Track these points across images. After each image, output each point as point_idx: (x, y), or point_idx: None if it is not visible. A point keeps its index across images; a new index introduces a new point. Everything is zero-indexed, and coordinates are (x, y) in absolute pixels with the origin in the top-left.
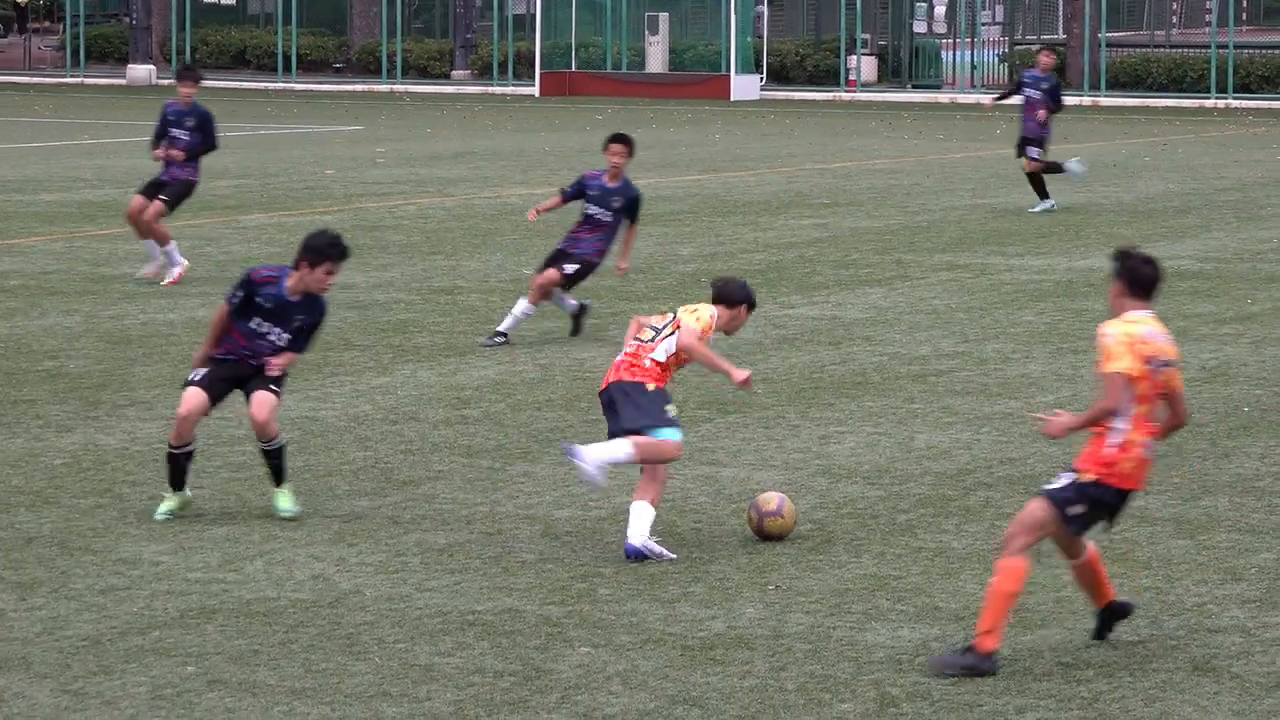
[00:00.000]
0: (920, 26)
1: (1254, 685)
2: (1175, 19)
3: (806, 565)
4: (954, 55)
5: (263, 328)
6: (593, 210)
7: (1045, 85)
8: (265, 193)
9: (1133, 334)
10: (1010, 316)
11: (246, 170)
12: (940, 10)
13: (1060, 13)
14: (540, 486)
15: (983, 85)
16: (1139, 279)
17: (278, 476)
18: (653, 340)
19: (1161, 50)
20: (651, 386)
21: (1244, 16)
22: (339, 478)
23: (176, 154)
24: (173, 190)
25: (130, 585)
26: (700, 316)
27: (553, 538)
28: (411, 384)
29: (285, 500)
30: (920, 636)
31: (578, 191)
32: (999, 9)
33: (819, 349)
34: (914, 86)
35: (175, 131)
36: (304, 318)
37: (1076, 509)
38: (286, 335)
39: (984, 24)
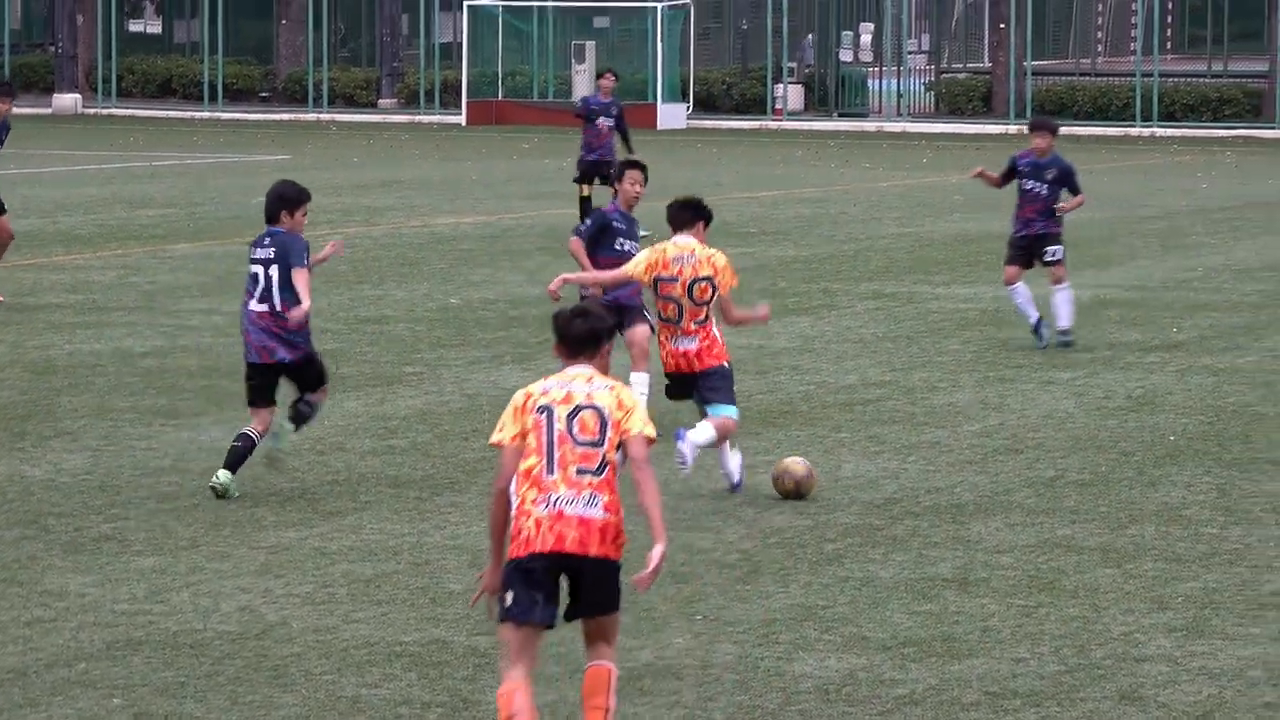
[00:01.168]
0: (846, 55)
1: (1180, 714)
2: (1100, 47)
3: (734, 595)
4: (880, 83)
5: None
6: (627, 245)
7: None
8: (192, 222)
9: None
10: (937, 345)
11: (173, 199)
12: (866, 38)
13: (986, 41)
14: (468, 517)
15: (909, 113)
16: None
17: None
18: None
19: (1087, 78)
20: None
21: (1169, 45)
22: (266, 508)
23: None
24: None
25: (56, 617)
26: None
27: (480, 568)
28: (338, 414)
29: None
30: (848, 666)
31: (599, 229)
32: (925, 37)
33: (746, 378)
34: (841, 115)
35: None
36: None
37: None
38: None
39: (910, 52)
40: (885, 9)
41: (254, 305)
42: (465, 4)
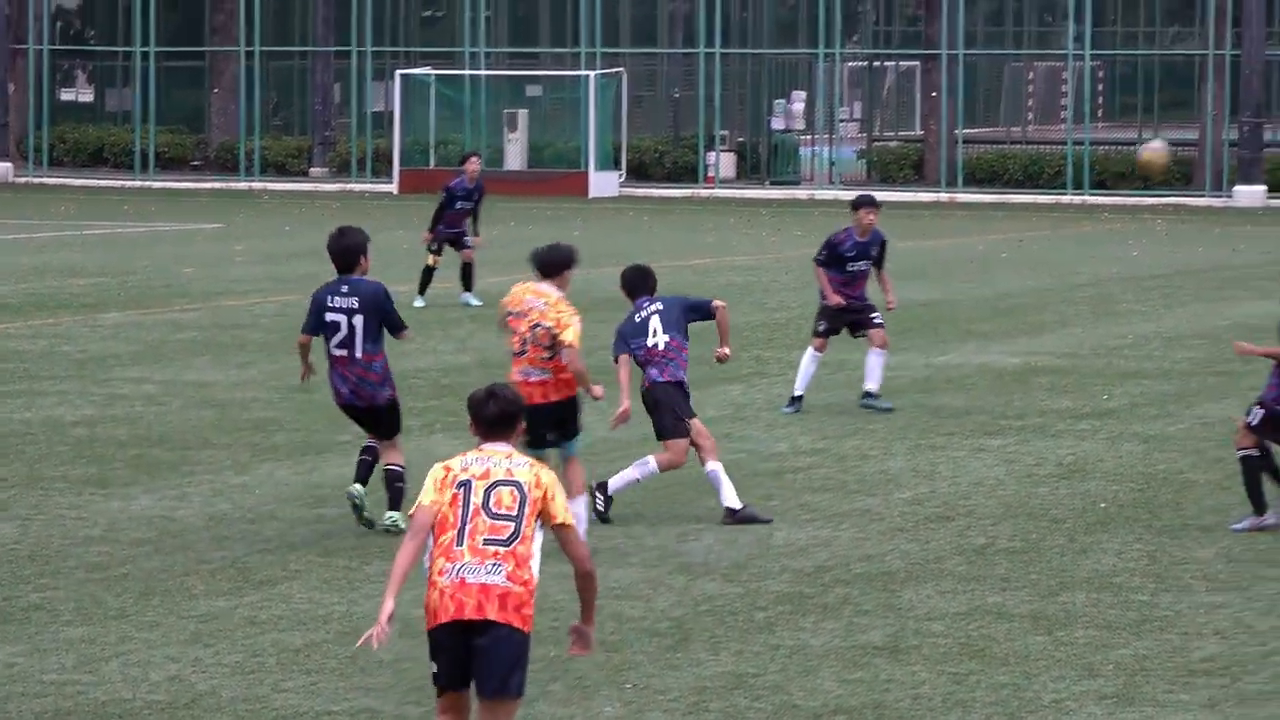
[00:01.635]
0: (778, 123)
1: None
2: (1031, 115)
3: (665, 663)
4: (812, 151)
5: None
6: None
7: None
8: (123, 291)
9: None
10: (869, 413)
11: (104, 268)
12: (798, 107)
13: (917, 109)
14: None
15: (841, 182)
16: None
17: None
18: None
19: (1018, 146)
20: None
21: (1099, 113)
22: (196, 577)
23: None
24: None
25: None
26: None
27: (410, 637)
28: (270, 483)
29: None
30: None
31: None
32: (857, 105)
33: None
34: (773, 183)
35: None
36: None
37: None
38: None
39: (842, 120)
40: (817, 77)
41: (335, 350)
42: (397, 73)
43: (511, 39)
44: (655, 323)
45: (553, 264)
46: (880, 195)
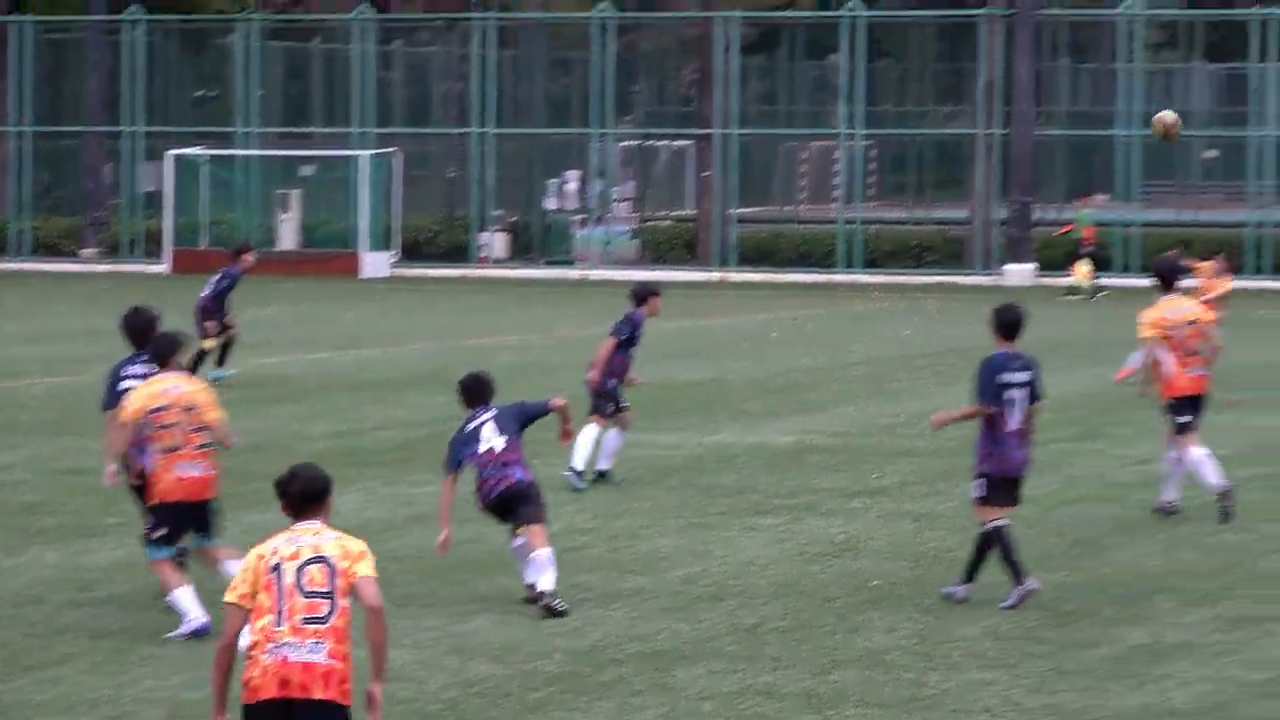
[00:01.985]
0: (552, 203)
1: None
2: (804, 194)
3: None
4: (586, 231)
5: None
6: None
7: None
8: None
9: None
10: (641, 492)
11: None
12: (572, 187)
13: (690, 189)
14: (167, 669)
15: (614, 262)
16: None
17: None
18: None
19: (791, 225)
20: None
21: (872, 192)
22: None
23: None
24: None
25: None
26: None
27: (178, 718)
28: (38, 566)
29: None
30: None
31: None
32: (630, 185)
33: (452, 526)
34: (546, 263)
35: None
36: None
37: None
38: None
39: (615, 200)
40: (590, 157)
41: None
42: (169, 153)
43: (284, 119)
44: (488, 430)
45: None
46: (653, 275)
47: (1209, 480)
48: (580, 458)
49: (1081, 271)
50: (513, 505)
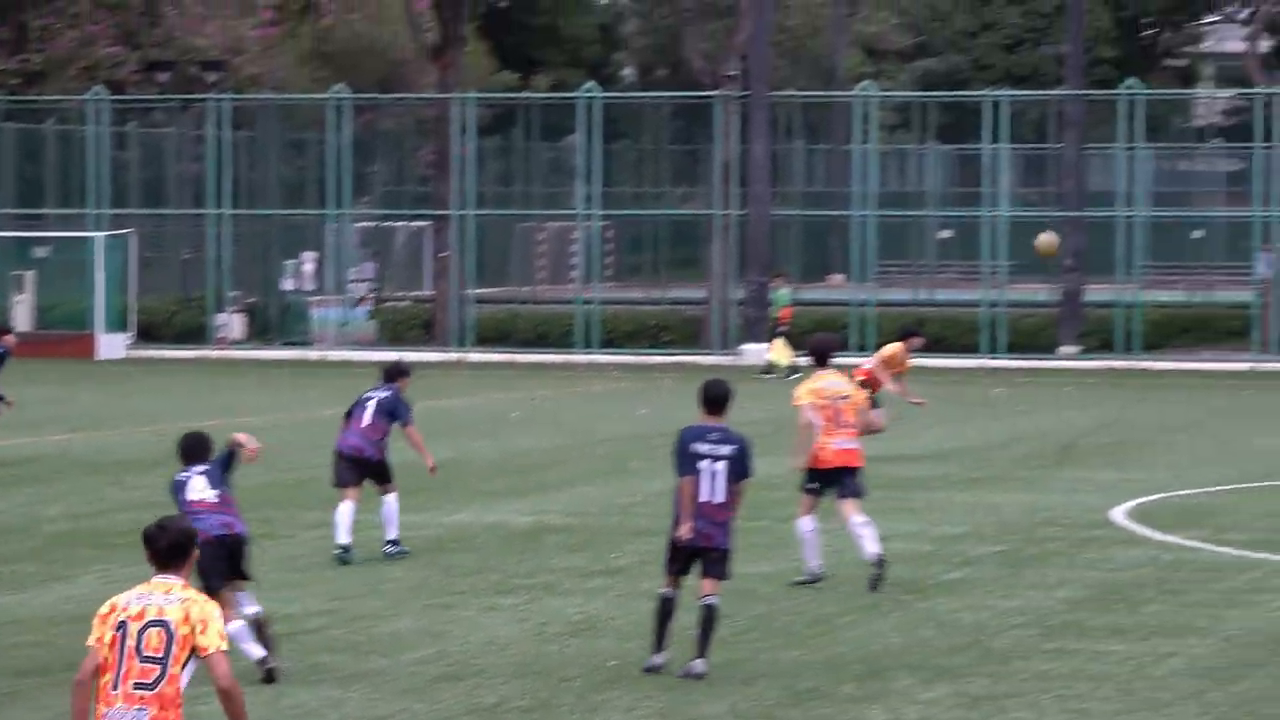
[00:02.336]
0: (289, 284)
1: None
2: (541, 275)
3: None
4: (323, 312)
5: None
6: None
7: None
8: None
9: None
10: (380, 573)
11: None
12: (309, 268)
13: (427, 269)
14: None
15: (351, 342)
16: None
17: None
18: None
19: (529, 306)
20: None
21: (609, 273)
22: None
23: None
24: None
25: None
26: None
27: None
28: None
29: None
30: None
31: None
32: (367, 266)
33: None
34: (284, 344)
35: None
36: None
37: None
38: None
39: (352, 280)
40: (327, 238)
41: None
42: None
43: (18, 200)
44: (197, 481)
45: None
46: (390, 356)
47: (867, 549)
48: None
49: (778, 350)
50: (230, 554)
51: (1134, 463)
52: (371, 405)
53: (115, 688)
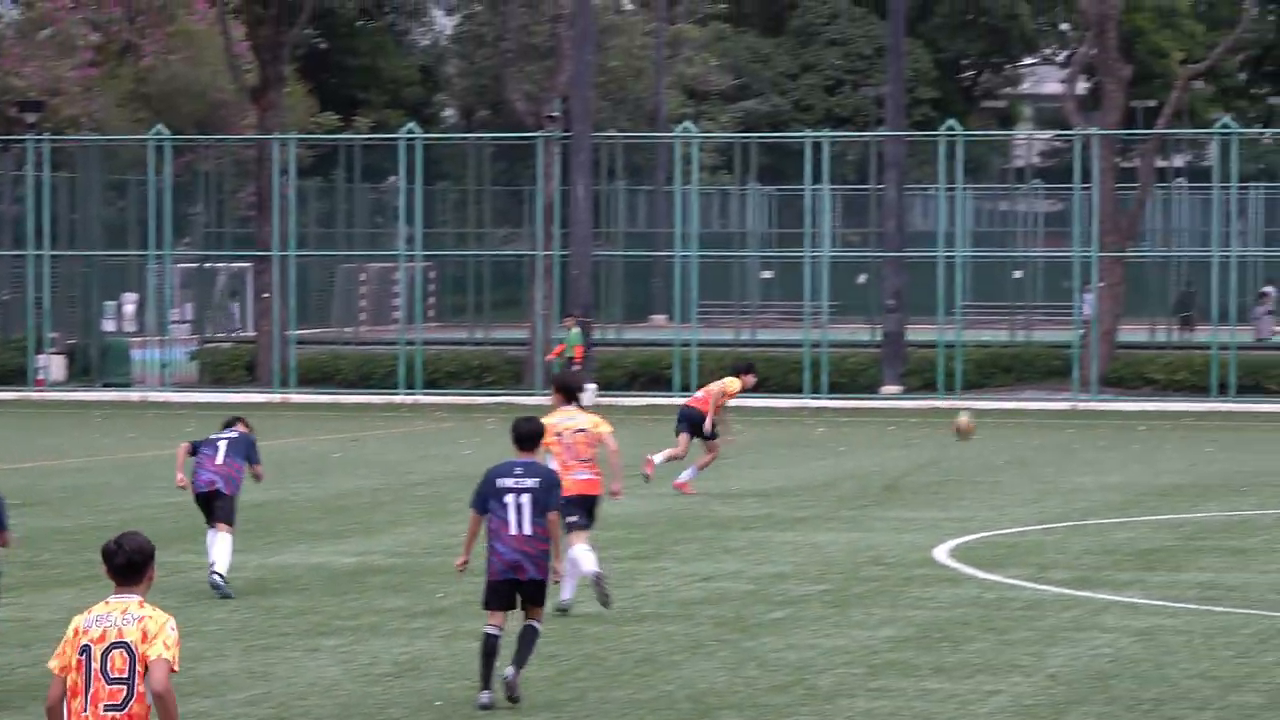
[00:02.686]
0: (110, 325)
1: None
2: (364, 315)
3: None
4: (144, 354)
5: None
6: None
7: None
8: None
9: None
10: (203, 614)
11: None
12: (130, 309)
13: (249, 310)
14: None
15: (173, 383)
16: None
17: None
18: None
19: (351, 346)
20: None
21: (431, 313)
22: None
23: None
24: None
25: None
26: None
27: None
28: None
29: None
30: None
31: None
32: (188, 307)
33: (8, 652)
34: (104, 385)
35: None
36: None
37: None
38: None
39: (174, 322)
40: (148, 279)
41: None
42: None
43: None
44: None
45: None
46: (212, 397)
47: (584, 569)
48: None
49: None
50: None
51: (957, 502)
52: (224, 445)
53: (86, 710)
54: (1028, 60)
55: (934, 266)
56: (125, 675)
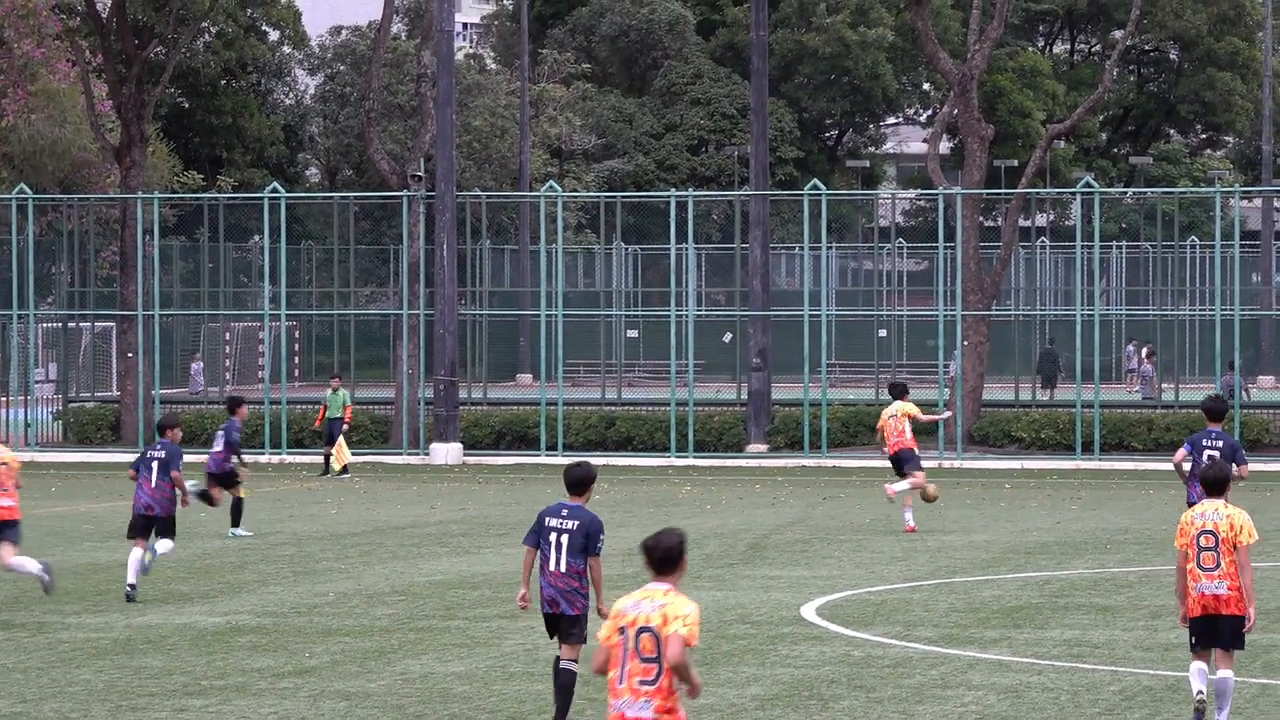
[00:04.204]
0: None
1: None
2: (229, 375)
3: None
4: (8, 414)
5: None
6: None
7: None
8: None
9: None
10: (69, 675)
11: None
12: None
13: (114, 370)
14: None
15: (37, 443)
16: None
17: None
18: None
19: (215, 406)
20: None
21: (297, 372)
22: None
23: None
24: None
25: None
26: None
27: None
28: None
29: None
30: None
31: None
32: (53, 367)
33: None
34: None
35: None
36: None
37: None
38: None
39: (38, 382)
40: (11, 338)
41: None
42: None
43: None
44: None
45: None
46: (76, 457)
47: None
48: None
49: (341, 450)
50: None
51: (823, 560)
52: (155, 466)
53: (622, 682)
54: (891, 120)
55: (799, 325)
56: (654, 655)
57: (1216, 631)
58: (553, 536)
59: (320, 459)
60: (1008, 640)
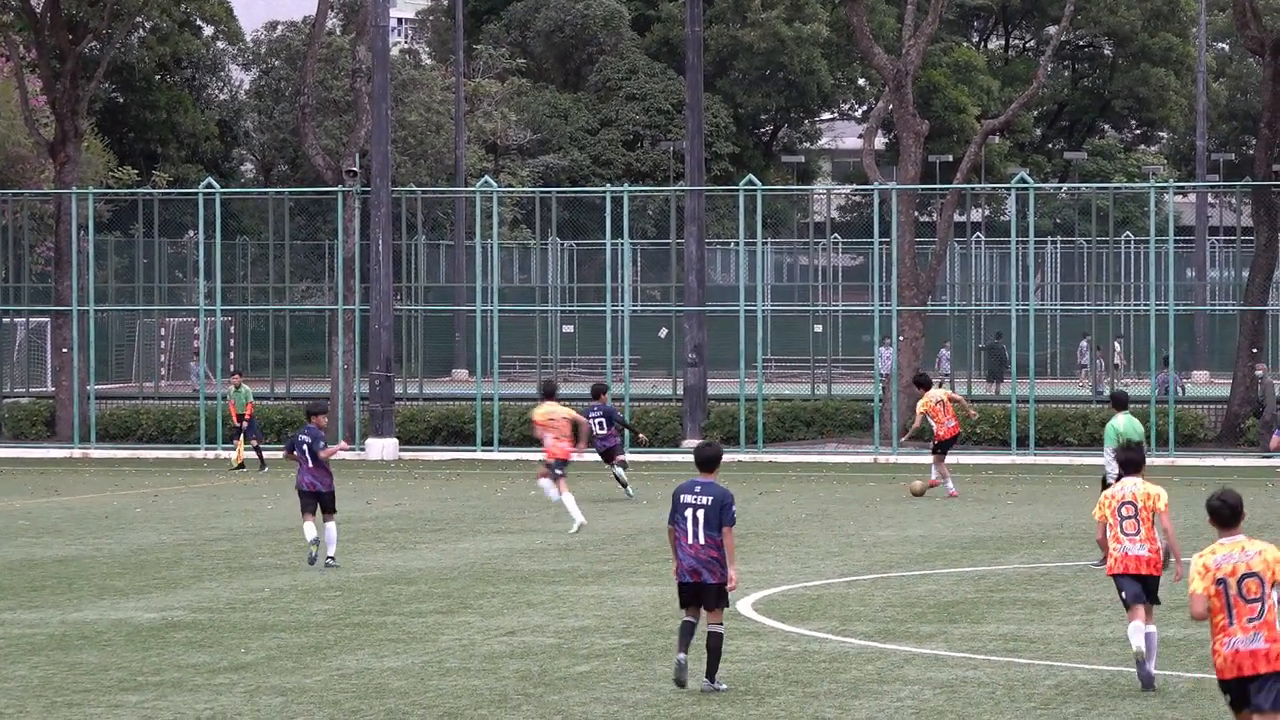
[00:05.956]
0: None
1: None
2: (165, 371)
3: None
4: None
5: None
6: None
7: None
8: None
9: None
10: (3, 671)
11: None
12: None
13: (48, 365)
14: None
15: None
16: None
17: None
18: None
19: (151, 402)
20: None
21: (232, 367)
22: None
23: None
24: None
25: None
26: None
27: None
28: None
29: None
30: None
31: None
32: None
33: None
34: None
35: None
36: None
37: None
38: None
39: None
40: None
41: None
42: None
43: None
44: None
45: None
46: (12, 453)
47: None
48: None
49: (240, 449)
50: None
51: (759, 555)
52: (307, 450)
53: (1232, 624)
54: (826, 115)
55: (735, 320)
56: (1258, 596)
57: (1145, 589)
58: (688, 512)
59: (253, 454)
60: (944, 635)
